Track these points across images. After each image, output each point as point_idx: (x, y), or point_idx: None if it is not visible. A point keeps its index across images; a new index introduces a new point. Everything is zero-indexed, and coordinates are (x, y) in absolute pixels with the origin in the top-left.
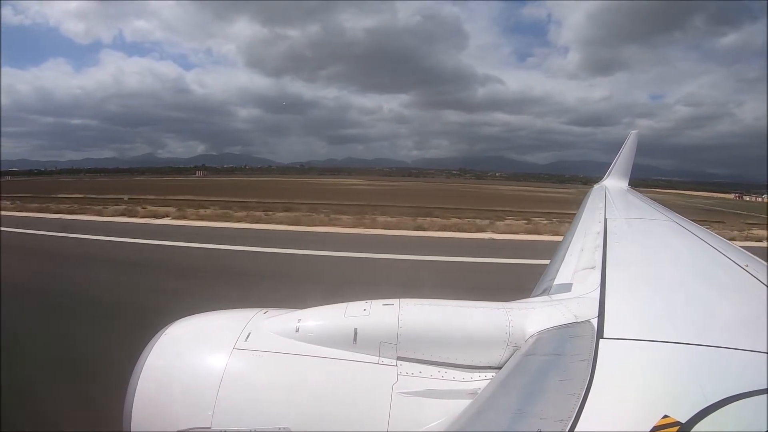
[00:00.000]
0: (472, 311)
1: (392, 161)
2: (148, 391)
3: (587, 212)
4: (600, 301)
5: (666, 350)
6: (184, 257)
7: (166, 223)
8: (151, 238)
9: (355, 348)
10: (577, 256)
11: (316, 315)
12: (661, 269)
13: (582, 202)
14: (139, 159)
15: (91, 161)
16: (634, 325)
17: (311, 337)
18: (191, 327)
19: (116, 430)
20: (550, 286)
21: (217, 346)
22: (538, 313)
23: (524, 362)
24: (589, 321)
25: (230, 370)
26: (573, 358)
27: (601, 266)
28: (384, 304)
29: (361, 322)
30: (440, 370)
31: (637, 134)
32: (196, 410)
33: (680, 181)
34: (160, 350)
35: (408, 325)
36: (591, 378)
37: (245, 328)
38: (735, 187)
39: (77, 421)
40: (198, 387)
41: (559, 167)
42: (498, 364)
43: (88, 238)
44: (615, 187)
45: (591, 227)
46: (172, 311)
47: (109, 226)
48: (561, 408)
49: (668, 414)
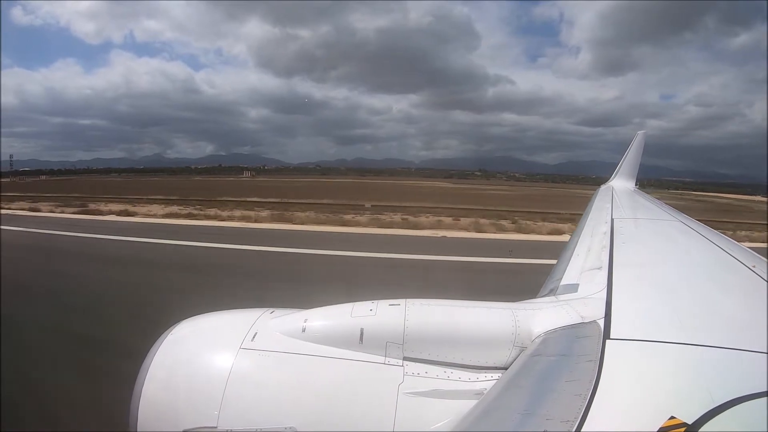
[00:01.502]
0: (479, 311)
1: (401, 161)
2: (155, 390)
3: (594, 212)
4: (607, 302)
5: (673, 351)
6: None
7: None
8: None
9: (361, 348)
10: (583, 256)
11: (323, 315)
12: (668, 270)
13: (589, 203)
14: (148, 159)
15: (101, 161)
16: (641, 326)
17: (318, 337)
18: (198, 327)
19: (123, 427)
20: (557, 287)
21: (224, 346)
22: (545, 314)
23: (531, 363)
24: (595, 321)
25: (236, 369)
26: (579, 359)
27: (608, 267)
28: (390, 304)
29: (367, 322)
30: (446, 371)
31: (644, 135)
32: (202, 409)
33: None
34: (167, 350)
35: (414, 326)
36: (597, 379)
37: (252, 328)
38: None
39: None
40: (204, 386)
41: (567, 168)
42: (504, 364)
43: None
44: (622, 187)
45: (598, 227)
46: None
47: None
48: (567, 409)
49: (675, 415)
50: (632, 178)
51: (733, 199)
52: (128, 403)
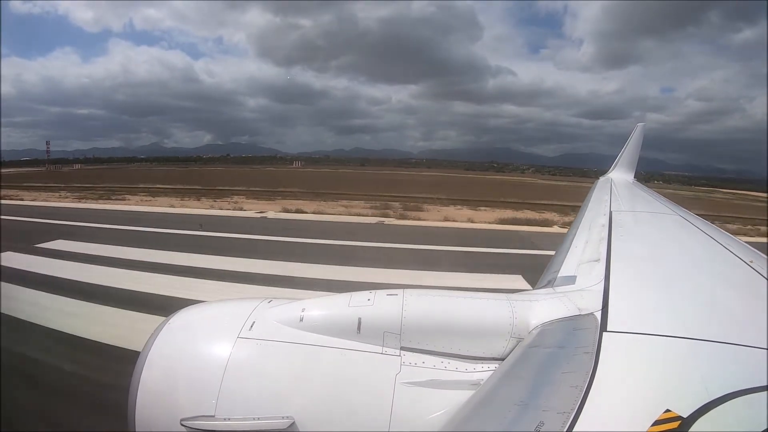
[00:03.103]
0: (476, 302)
1: (399, 152)
2: (153, 378)
3: (593, 204)
4: (604, 294)
5: (669, 345)
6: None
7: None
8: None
9: (358, 338)
10: (581, 248)
11: (320, 304)
12: (665, 263)
13: (587, 195)
14: (145, 149)
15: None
16: (638, 318)
17: (315, 326)
18: (196, 316)
19: (122, 413)
20: (555, 278)
21: (222, 335)
22: (542, 305)
23: (527, 354)
24: (592, 314)
25: (234, 358)
26: (576, 351)
27: (606, 259)
28: (388, 294)
29: (365, 312)
30: (443, 361)
31: (643, 127)
32: (200, 398)
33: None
34: (165, 339)
35: (411, 316)
36: (594, 371)
37: (250, 317)
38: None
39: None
40: (202, 375)
41: (566, 159)
42: (501, 355)
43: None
44: (620, 179)
45: (596, 220)
46: None
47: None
48: (563, 400)
49: (670, 408)
50: (631, 170)
51: (734, 195)
52: (126, 391)
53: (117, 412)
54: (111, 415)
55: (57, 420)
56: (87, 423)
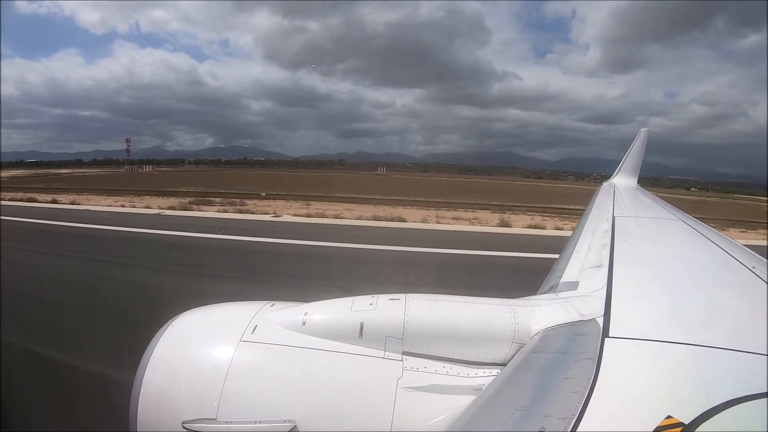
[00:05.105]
0: (478, 307)
1: (401, 156)
2: (155, 381)
3: (596, 210)
4: (606, 300)
5: (671, 351)
6: None
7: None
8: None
9: (361, 342)
10: (584, 253)
11: (323, 309)
12: (668, 269)
13: (590, 200)
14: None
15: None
16: (640, 324)
17: (317, 330)
18: (198, 319)
19: (123, 415)
20: (557, 284)
21: (224, 338)
22: (544, 311)
23: (529, 359)
24: (594, 319)
25: (236, 362)
26: (578, 357)
27: (609, 265)
28: (390, 298)
29: (367, 317)
30: (445, 366)
31: (647, 132)
32: (202, 401)
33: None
34: (167, 341)
35: (414, 320)
36: (596, 377)
37: (252, 320)
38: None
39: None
40: (204, 378)
41: (568, 164)
42: (503, 360)
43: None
44: (624, 184)
45: (599, 225)
46: None
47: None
48: (565, 406)
49: (672, 414)
50: (635, 175)
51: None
52: (128, 393)
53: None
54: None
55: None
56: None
